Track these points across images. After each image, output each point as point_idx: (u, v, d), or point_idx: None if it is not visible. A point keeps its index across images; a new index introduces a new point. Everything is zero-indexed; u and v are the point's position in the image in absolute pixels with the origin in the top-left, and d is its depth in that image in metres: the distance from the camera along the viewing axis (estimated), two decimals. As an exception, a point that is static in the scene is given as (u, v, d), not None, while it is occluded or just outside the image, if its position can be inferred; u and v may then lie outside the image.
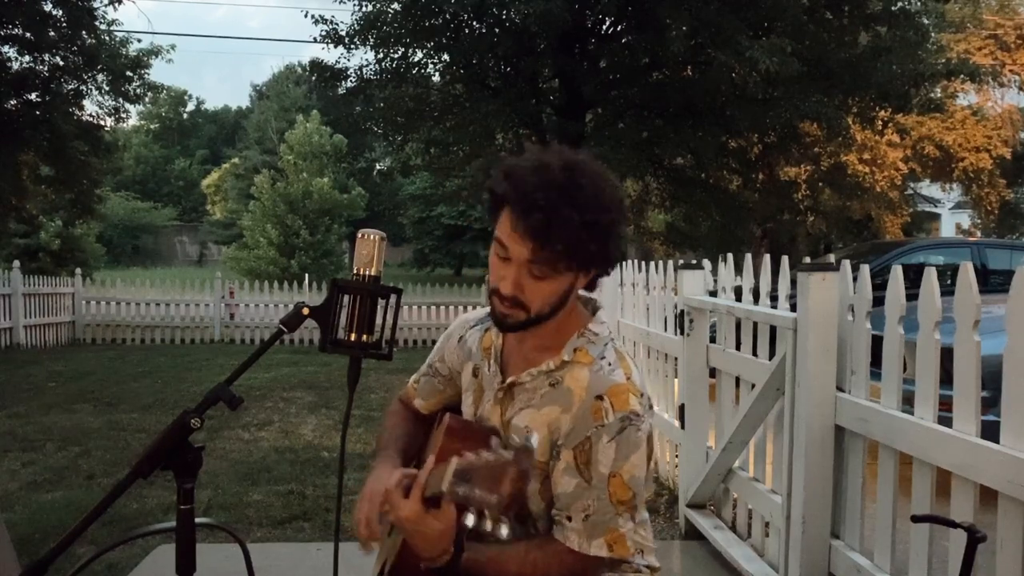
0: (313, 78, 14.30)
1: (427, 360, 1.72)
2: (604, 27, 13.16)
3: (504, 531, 1.06)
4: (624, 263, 5.16)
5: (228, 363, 9.49)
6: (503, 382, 1.49)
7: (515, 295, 1.37)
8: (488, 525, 1.06)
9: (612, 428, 1.37)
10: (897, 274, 2.29)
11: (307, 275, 15.05)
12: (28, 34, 12.82)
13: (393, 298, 1.37)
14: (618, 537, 1.39)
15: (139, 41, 23.21)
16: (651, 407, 1.47)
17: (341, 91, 13.90)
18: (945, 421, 2.06)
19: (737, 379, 3.38)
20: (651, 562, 1.52)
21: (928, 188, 24.27)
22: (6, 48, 13.13)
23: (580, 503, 1.38)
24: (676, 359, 3.96)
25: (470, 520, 1.07)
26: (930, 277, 2.12)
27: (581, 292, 1.53)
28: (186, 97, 55.14)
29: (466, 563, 1.30)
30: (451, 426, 1.45)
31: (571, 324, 1.47)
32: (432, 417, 1.72)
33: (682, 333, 3.72)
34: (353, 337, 1.33)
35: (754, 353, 3.19)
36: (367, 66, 13.33)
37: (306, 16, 12.74)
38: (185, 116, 55.46)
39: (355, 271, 1.35)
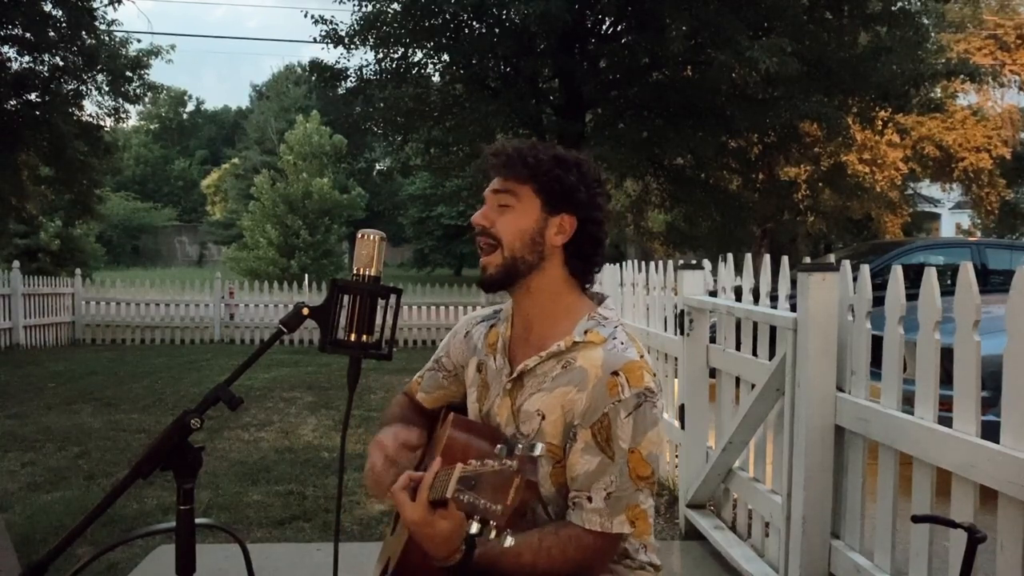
0: (313, 78, 14.29)
1: (433, 356, 1.74)
2: (604, 27, 13.16)
3: (508, 541, 1.06)
4: (624, 263, 5.16)
5: (228, 363, 9.49)
6: (511, 373, 1.50)
7: (484, 225, 1.46)
8: (492, 534, 1.06)
9: (629, 403, 1.38)
10: (897, 274, 2.29)
11: (307, 275, 15.05)
12: (28, 34, 12.81)
13: (393, 298, 1.36)
14: (640, 513, 1.40)
15: (139, 41, 23.28)
16: (660, 389, 1.48)
17: (341, 91, 13.90)
18: (945, 421, 2.06)
19: (737, 379, 3.38)
20: (652, 559, 1.53)
21: (928, 188, 24.27)
22: (6, 48, 13.13)
23: (602, 481, 1.38)
24: (676, 359, 3.96)
25: (474, 528, 1.07)
26: (930, 277, 2.12)
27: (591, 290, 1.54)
28: (186, 97, 55.21)
29: (479, 557, 1.29)
30: (456, 424, 1.45)
31: (578, 310, 1.50)
32: (434, 413, 1.72)
33: (682, 333, 3.72)
34: (353, 337, 1.33)
35: (754, 353, 3.18)
36: (367, 66, 13.33)
37: (306, 16, 12.74)
38: (185, 116, 55.48)
39: (355, 271, 1.35)
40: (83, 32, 13.06)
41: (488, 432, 1.48)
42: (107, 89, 14.22)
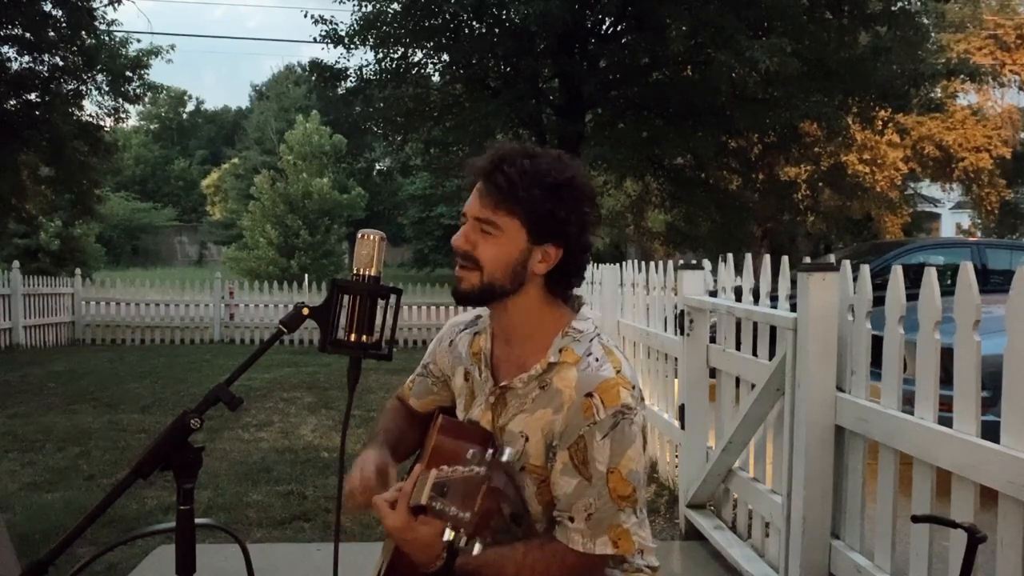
0: (313, 78, 14.30)
1: (422, 360, 1.73)
2: (604, 27, 13.16)
3: (477, 548, 1.05)
4: (624, 263, 5.16)
5: (228, 363, 9.49)
6: (495, 386, 1.49)
7: (466, 250, 1.41)
8: (463, 541, 1.05)
9: (604, 425, 1.37)
10: (897, 274, 2.28)
11: (307, 275, 15.06)
12: (28, 34, 12.81)
13: (393, 298, 1.36)
14: (622, 533, 1.39)
15: (138, 41, 23.21)
16: (642, 399, 1.47)
17: (341, 91, 13.91)
18: (945, 421, 2.06)
19: (737, 379, 3.38)
20: (651, 562, 1.52)
21: (928, 188, 24.26)
22: (6, 48, 13.12)
23: (582, 502, 1.37)
24: (676, 359, 3.96)
25: (447, 535, 1.07)
26: (930, 277, 2.12)
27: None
28: (185, 97, 55.12)
29: (462, 567, 1.29)
30: (444, 427, 1.45)
31: (554, 322, 1.47)
32: (428, 416, 1.72)
33: (682, 333, 3.72)
34: (353, 337, 1.32)
35: (754, 353, 3.18)
36: (367, 66, 13.33)
37: (305, 16, 12.74)
38: (185, 116, 55.41)
39: (355, 271, 1.35)
40: (83, 32, 13.05)
41: (476, 434, 1.47)
42: (107, 89, 14.21)
